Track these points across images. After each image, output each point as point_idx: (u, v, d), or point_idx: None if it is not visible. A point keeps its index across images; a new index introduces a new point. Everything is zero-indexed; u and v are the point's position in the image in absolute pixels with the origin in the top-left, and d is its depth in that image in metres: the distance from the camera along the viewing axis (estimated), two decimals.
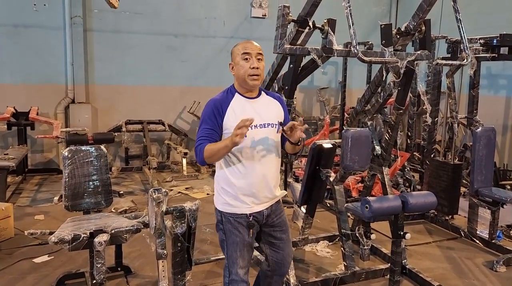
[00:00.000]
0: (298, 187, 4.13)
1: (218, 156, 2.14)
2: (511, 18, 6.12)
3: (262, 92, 2.32)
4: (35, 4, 6.49)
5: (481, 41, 4.58)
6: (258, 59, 2.18)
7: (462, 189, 5.28)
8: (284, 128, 2.14)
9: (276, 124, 2.25)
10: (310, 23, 3.25)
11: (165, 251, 2.74)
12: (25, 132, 6.33)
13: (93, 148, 3.25)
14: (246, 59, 2.16)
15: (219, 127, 2.18)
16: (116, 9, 4.33)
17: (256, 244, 2.44)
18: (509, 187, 5.68)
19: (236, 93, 2.24)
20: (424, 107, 5.50)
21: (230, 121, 2.15)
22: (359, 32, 2.85)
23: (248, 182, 2.20)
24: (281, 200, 2.42)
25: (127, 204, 5.13)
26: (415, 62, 3.15)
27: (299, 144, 2.24)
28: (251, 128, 2.15)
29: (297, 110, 7.90)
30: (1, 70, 6.48)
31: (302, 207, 4.01)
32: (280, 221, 2.37)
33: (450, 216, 4.67)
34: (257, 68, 2.16)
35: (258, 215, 2.27)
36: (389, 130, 3.63)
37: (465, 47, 3.09)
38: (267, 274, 2.47)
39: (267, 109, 2.27)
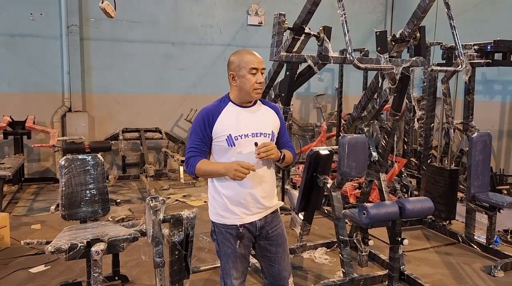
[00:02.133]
0: (295, 193, 4.13)
1: (209, 176, 2.24)
2: (505, 25, 6.18)
3: (258, 101, 2.29)
4: (31, 14, 6.52)
5: (476, 47, 4.62)
6: (262, 73, 2.20)
7: (459, 194, 5.29)
8: (255, 151, 2.08)
9: (269, 134, 2.22)
10: (306, 31, 3.28)
11: (162, 260, 2.73)
12: (22, 141, 6.31)
13: (90, 157, 3.24)
14: (254, 74, 2.15)
15: (208, 138, 2.17)
16: (112, 18, 4.33)
17: (253, 252, 2.43)
18: (505, 192, 5.70)
19: (230, 102, 2.21)
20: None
21: (219, 130, 2.15)
22: (354, 39, 2.88)
23: (237, 192, 2.17)
24: (278, 211, 2.36)
25: (124, 212, 5.11)
26: (411, 68, 3.18)
27: (280, 161, 2.21)
28: (242, 137, 2.14)
29: (294, 117, 7.93)
30: None
31: (300, 214, 4.01)
32: (275, 234, 2.29)
33: (447, 221, 4.68)
34: (262, 82, 2.19)
35: (250, 226, 2.22)
36: (386, 137, 3.64)
37: (460, 53, 3.12)
38: None
39: (261, 119, 2.24)
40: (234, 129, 2.14)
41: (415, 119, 4.93)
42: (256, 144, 2.10)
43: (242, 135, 2.14)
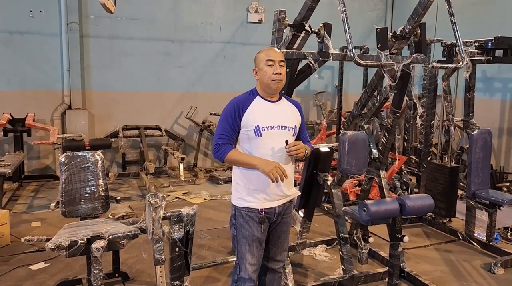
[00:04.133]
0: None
1: (239, 165, 2.34)
2: (506, 22, 6.17)
3: (283, 97, 2.46)
4: (31, 11, 6.50)
5: (476, 44, 4.61)
6: (281, 65, 2.33)
7: (459, 192, 5.29)
8: (286, 147, 2.27)
9: (292, 128, 2.37)
10: (307, 28, 3.27)
11: (162, 257, 2.73)
12: (22, 138, 6.30)
13: (90, 154, 3.24)
14: (270, 65, 2.31)
15: (237, 127, 2.31)
16: (112, 13, 4.33)
17: None
18: (505, 189, 5.70)
19: (258, 95, 2.37)
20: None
21: (248, 120, 2.29)
22: (355, 36, 2.88)
23: (260, 179, 2.29)
24: (293, 201, 2.52)
25: (124, 209, 5.11)
26: (411, 65, 3.17)
27: (303, 158, 2.37)
28: (268, 129, 2.29)
29: None
30: None
31: (300, 211, 4.00)
32: (285, 221, 2.46)
33: (447, 219, 4.68)
34: (280, 73, 2.31)
35: (270, 212, 2.36)
36: (386, 134, 3.64)
37: (461, 50, 3.11)
38: (262, 270, 2.52)
39: (286, 113, 2.40)
40: (261, 120, 2.30)
41: (417, 116, 4.92)
42: (286, 142, 2.28)
43: (269, 126, 2.30)
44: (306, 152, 2.35)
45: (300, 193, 2.61)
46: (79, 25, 6.70)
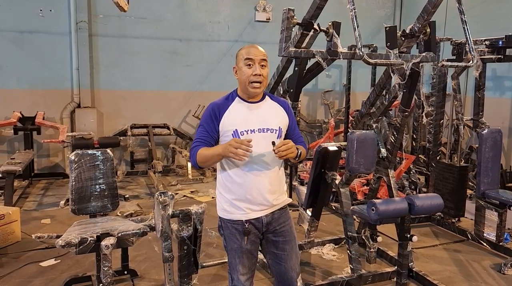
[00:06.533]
0: (303, 190, 4.13)
1: (210, 162, 2.12)
2: None
3: (267, 96, 2.25)
4: (41, 10, 6.56)
5: (487, 42, 4.57)
6: (262, 65, 2.11)
7: (469, 191, 5.25)
8: (274, 148, 2.03)
9: (276, 130, 2.17)
10: (315, 26, 3.26)
11: (171, 254, 2.75)
12: (31, 137, 6.37)
13: (100, 152, 3.26)
14: (249, 65, 2.10)
15: (215, 131, 2.15)
16: (125, 12, 4.35)
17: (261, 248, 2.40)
18: None
19: (237, 97, 2.19)
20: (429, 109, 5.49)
21: (226, 125, 2.13)
22: (363, 34, 2.86)
23: (243, 187, 2.14)
24: (287, 208, 2.31)
25: (132, 207, 5.14)
26: (420, 64, 3.15)
27: (296, 159, 2.16)
28: (248, 133, 2.11)
29: (301, 114, 7.91)
30: (8, 76, 6.53)
31: (307, 210, 4.00)
32: (283, 230, 2.24)
33: (456, 219, 4.64)
34: (260, 75, 2.10)
35: (256, 222, 2.18)
36: (395, 133, 3.62)
37: (471, 49, 3.09)
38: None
39: (269, 114, 2.19)
40: (240, 124, 2.12)
41: (423, 114, 4.90)
42: (273, 143, 2.05)
43: (248, 130, 2.11)
44: (299, 152, 2.12)
45: (290, 200, 2.39)
46: (88, 24, 6.74)
